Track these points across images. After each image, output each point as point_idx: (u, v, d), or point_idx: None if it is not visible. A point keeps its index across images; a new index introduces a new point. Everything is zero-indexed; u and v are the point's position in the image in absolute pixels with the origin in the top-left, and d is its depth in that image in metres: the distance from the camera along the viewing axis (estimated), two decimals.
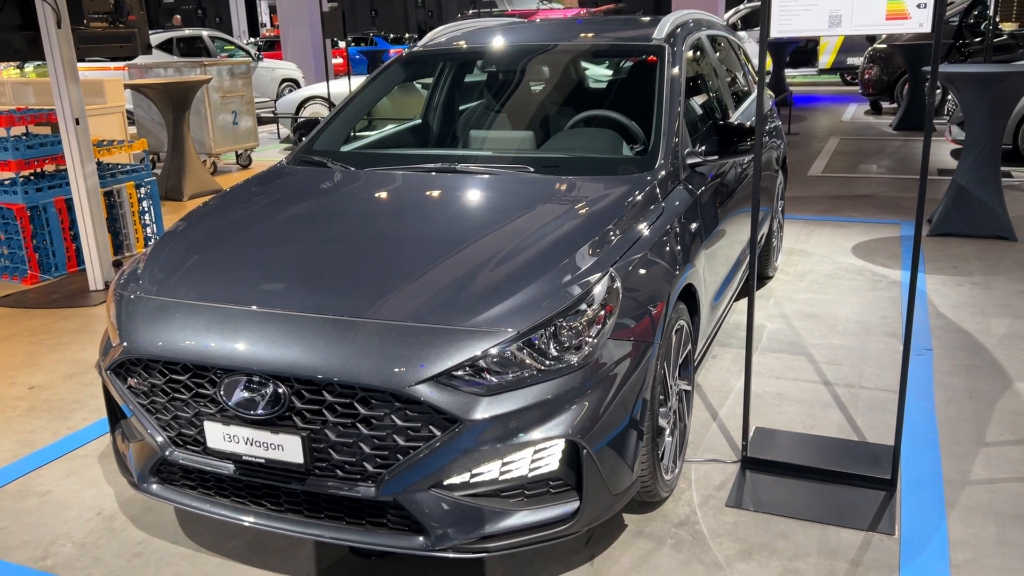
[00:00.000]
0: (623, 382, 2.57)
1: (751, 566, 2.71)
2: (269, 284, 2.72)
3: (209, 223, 3.29)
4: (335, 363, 2.40)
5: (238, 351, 2.49)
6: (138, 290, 2.86)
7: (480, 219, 3.04)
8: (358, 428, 2.41)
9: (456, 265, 2.70)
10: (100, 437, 3.72)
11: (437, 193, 3.31)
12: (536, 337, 2.44)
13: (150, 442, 2.73)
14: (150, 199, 7.01)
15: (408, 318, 2.47)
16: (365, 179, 3.55)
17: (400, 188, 3.42)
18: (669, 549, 2.82)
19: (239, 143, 10.98)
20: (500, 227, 2.93)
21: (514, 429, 2.39)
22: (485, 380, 2.38)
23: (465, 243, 2.83)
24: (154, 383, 2.65)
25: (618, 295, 2.62)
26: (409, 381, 2.34)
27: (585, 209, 3.01)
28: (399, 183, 3.47)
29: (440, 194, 3.30)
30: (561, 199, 3.15)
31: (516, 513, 2.48)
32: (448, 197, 3.28)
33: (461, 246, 2.81)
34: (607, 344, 2.54)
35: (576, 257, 2.69)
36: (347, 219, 3.18)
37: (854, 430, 3.58)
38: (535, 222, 2.93)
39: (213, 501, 2.70)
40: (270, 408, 2.46)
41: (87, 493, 3.28)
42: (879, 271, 5.76)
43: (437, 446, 2.36)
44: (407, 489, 2.42)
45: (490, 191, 3.28)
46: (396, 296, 2.56)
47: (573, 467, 2.52)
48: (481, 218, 3.05)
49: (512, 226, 2.92)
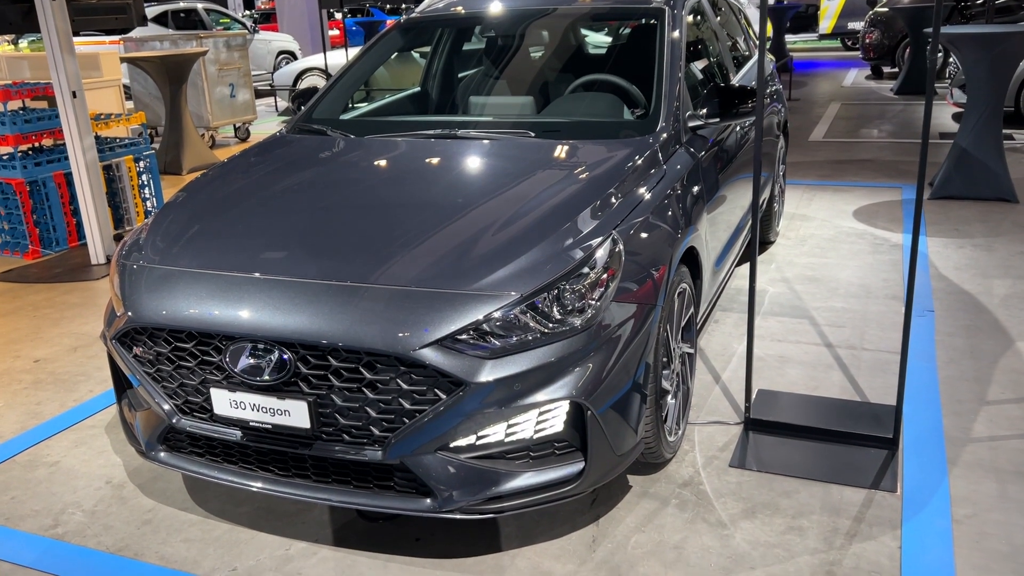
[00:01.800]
0: (626, 344, 2.58)
1: (755, 524, 2.74)
2: (272, 251, 2.72)
3: (210, 192, 3.28)
4: (340, 328, 2.41)
5: (243, 318, 2.50)
6: (141, 259, 2.86)
7: (481, 184, 3.04)
8: (364, 392, 2.43)
9: (458, 230, 2.70)
10: (107, 408, 3.75)
11: (438, 159, 3.31)
12: (539, 300, 2.45)
13: (157, 410, 2.75)
14: (149, 173, 6.99)
15: (411, 283, 2.48)
16: (365, 146, 3.54)
17: (401, 155, 3.41)
18: (673, 509, 2.84)
19: (237, 116, 10.93)
20: (501, 192, 2.92)
21: (519, 391, 2.40)
22: (489, 343, 2.39)
23: (467, 208, 2.83)
24: (159, 351, 2.67)
25: (620, 258, 2.62)
26: (414, 345, 2.35)
27: (586, 173, 3.01)
28: (400, 150, 3.46)
29: (441, 160, 3.30)
30: (562, 163, 3.14)
31: (522, 474, 2.50)
32: (449, 163, 3.27)
33: (463, 211, 2.81)
34: (610, 307, 2.55)
35: (578, 221, 2.69)
36: (348, 186, 3.18)
37: (856, 391, 3.60)
38: (536, 186, 2.93)
39: (221, 468, 2.72)
40: (276, 374, 2.47)
41: (95, 463, 3.31)
42: (880, 235, 5.75)
43: (442, 409, 2.38)
44: (414, 452, 2.44)
45: (491, 156, 3.27)
46: (399, 261, 2.56)
47: (578, 428, 2.54)
48: (482, 183, 3.04)
49: (513, 191, 2.92)
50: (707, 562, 2.58)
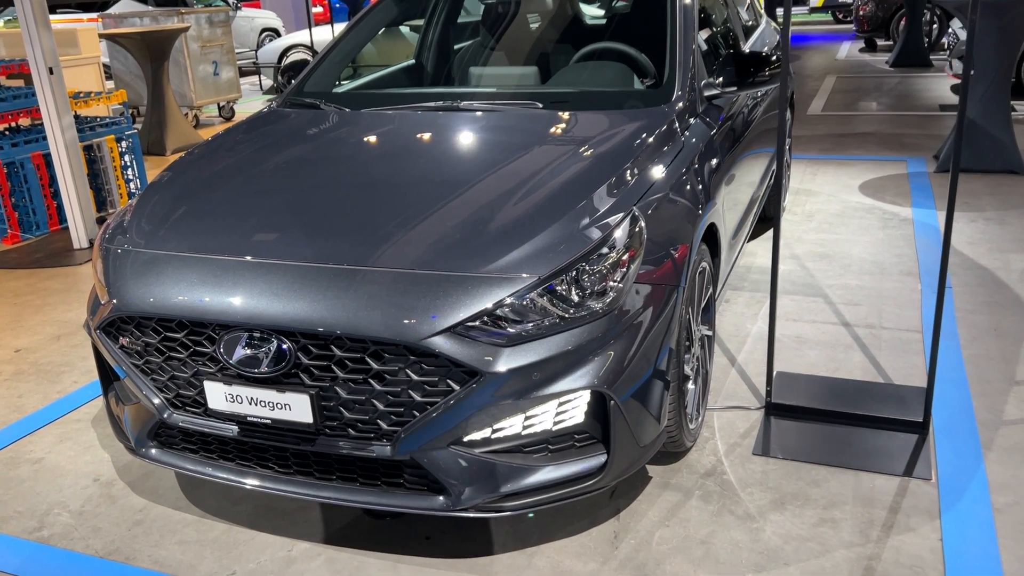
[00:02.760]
0: (649, 329, 2.42)
1: (785, 516, 2.59)
2: (267, 233, 2.53)
3: (198, 170, 3.08)
4: (343, 316, 2.22)
5: (237, 305, 2.32)
6: (125, 243, 2.67)
7: (489, 159, 2.84)
8: (370, 384, 2.25)
9: (467, 208, 2.52)
10: (92, 400, 3.56)
11: (441, 132, 3.11)
12: (557, 283, 2.28)
13: (146, 405, 2.57)
14: (132, 153, 6.75)
15: (420, 266, 2.30)
16: (362, 120, 3.34)
17: (400, 128, 3.21)
18: (697, 501, 2.69)
19: (221, 95, 10.65)
20: (512, 167, 2.74)
21: (537, 381, 2.23)
22: (505, 330, 2.22)
23: (475, 185, 2.64)
24: (148, 342, 2.48)
25: (642, 237, 2.45)
26: (424, 333, 2.17)
27: (601, 146, 2.82)
28: (399, 123, 3.26)
29: (444, 133, 3.10)
30: (574, 135, 2.95)
31: (541, 469, 2.34)
32: (453, 136, 3.08)
33: (471, 188, 2.62)
34: (631, 289, 2.38)
35: (595, 197, 2.51)
36: (346, 162, 2.98)
37: (879, 372, 3.46)
38: (549, 161, 2.74)
39: (217, 465, 2.55)
40: (275, 365, 2.29)
41: (82, 459, 3.12)
42: (889, 209, 5.60)
43: (455, 401, 2.21)
44: (425, 447, 2.27)
45: (497, 129, 3.08)
46: (405, 242, 2.38)
47: (599, 419, 2.38)
48: (490, 158, 2.85)
49: (524, 165, 2.73)
50: (737, 558, 2.43)
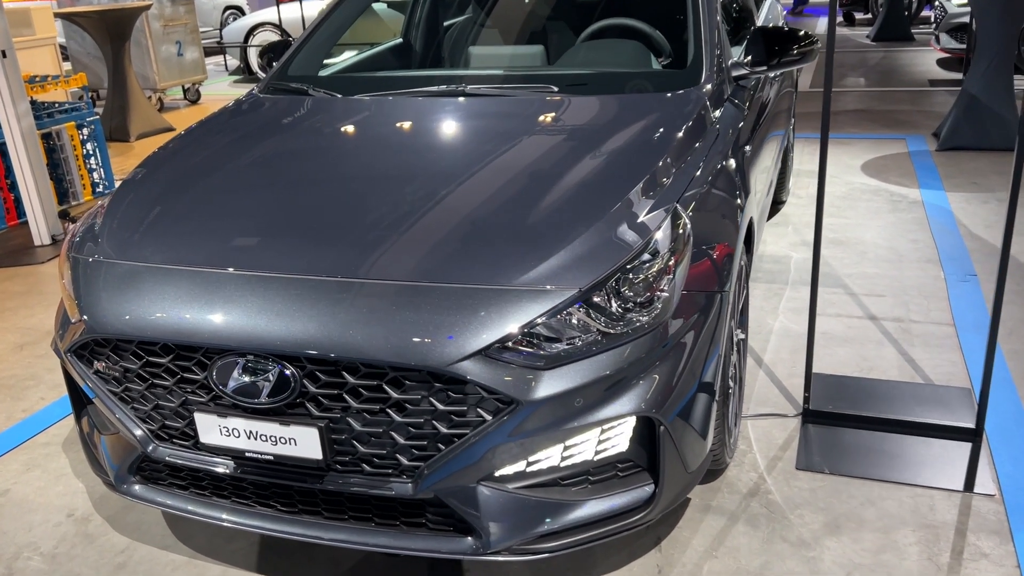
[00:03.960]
0: (696, 340, 2.15)
1: (843, 543, 2.35)
2: (263, 241, 2.23)
3: (178, 167, 2.75)
4: (357, 337, 1.93)
5: (232, 326, 2.01)
6: (98, 252, 2.34)
7: (507, 152, 2.54)
8: (389, 415, 1.97)
9: (491, 211, 2.22)
10: (62, 420, 3.23)
11: (449, 122, 2.81)
12: (599, 295, 2.00)
13: (127, 436, 2.26)
14: (95, 141, 6.34)
15: (444, 278, 2.00)
16: (359, 108, 3.01)
17: (403, 117, 2.90)
18: (744, 526, 2.44)
19: (186, 76, 10.18)
20: (535, 162, 2.45)
21: (580, 408, 1.96)
22: (542, 351, 1.94)
23: (497, 183, 2.35)
24: (127, 367, 2.17)
25: (687, 237, 2.18)
26: (451, 357, 1.89)
27: (632, 135, 2.54)
28: (401, 111, 2.94)
29: (453, 123, 2.80)
30: (600, 124, 2.66)
31: (582, 504, 2.07)
32: (463, 126, 2.77)
33: (492, 187, 2.33)
34: (678, 298, 2.11)
35: (633, 195, 2.23)
36: (346, 158, 2.67)
37: (916, 371, 3.23)
38: (576, 154, 2.45)
39: (210, 504, 2.25)
40: (277, 395, 1.99)
41: (53, 490, 2.80)
42: (896, 191, 5.39)
43: (488, 433, 1.93)
44: (451, 484, 2.00)
45: (512, 117, 2.78)
46: (425, 251, 2.09)
47: (645, 445, 2.11)
48: (509, 151, 2.55)
49: (549, 160, 2.44)
50: None
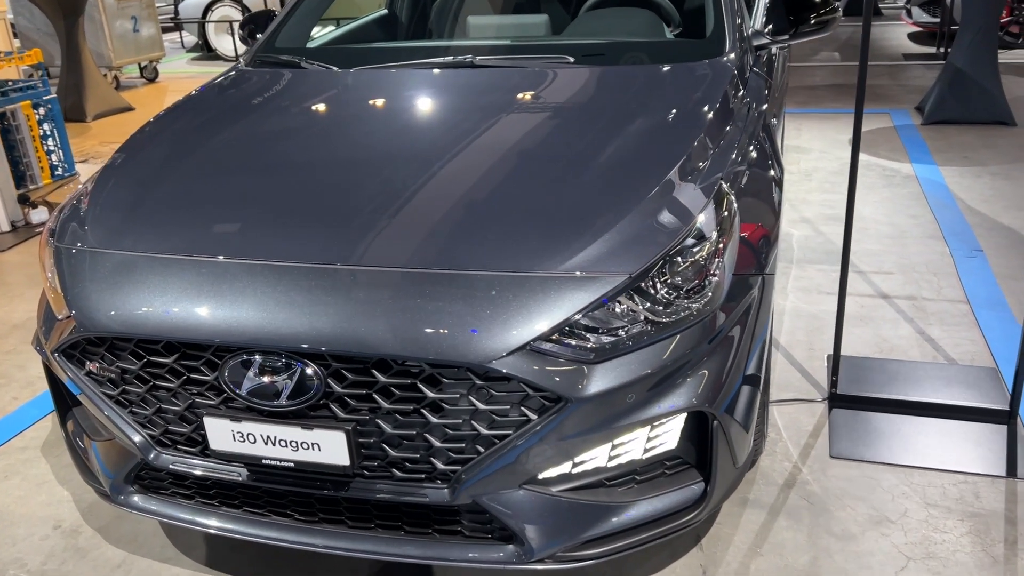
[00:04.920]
0: (744, 327, 2.01)
1: (891, 535, 2.24)
2: (275, 227, 2.03)
3: (168, 146, 2.54)
4: (389, 332, 1.75)
5: (245, 321, 1.82)
6: (84, 241, 2.12)
7: (534, 128, 2.36)
8: (423, 416, 1.79)
9: (523, 191, 2.05)
10: (39, 421, 3.00)
11: (464, 95, 2.61)
12: (647, 281, 1.84)
13: (125, 443, 2.05)
14: (52, 121, 5.99)
15: (481, 266, 1.83)
16: (360, 82, 2.81)
17: (413, 91, 2.69)
18: (786, 519, 2.32)
19: (142, 53, 9.78)
20: (564, 137, 2.28)
21: (632, 404, 1.81)
22: (591, 343, 1.78)
23: (525, 161, 2.18)
24: (126, 368, 1.96)
25: (733, 218, 2.03)
26: (493, 352, 1.72)
27: (665, 109, 2.37)
28: (409, 86, 2.74)
29: (468, 98, 2.60)
30: (628, 97, 2.49)
31: (630, 506, 1.93)
32: (480, 100, 2.57)
33: (522, 165, 2.15)
34: (728, 282, 1.96)
35: (675, 173, 2.07)
36: (357, 135, 2.46)
37: (936, 350, 3.14)
38: (608, 129, 2.29)
39: (219, 514, 2.06)
40: (298, 396, 1.81)
41: (35, 500, 2.58)
42: (888, 165, 5.31)
43: (532, 434, 1.77)
44: (491, 489, 1.83)
45: (531, 90, 2.60)
46: (459, 237, 1.91)
47: (694, 441, 1.97)
48: (534, 127, 2.37)
49: (580, 135, 2.27)
50: None
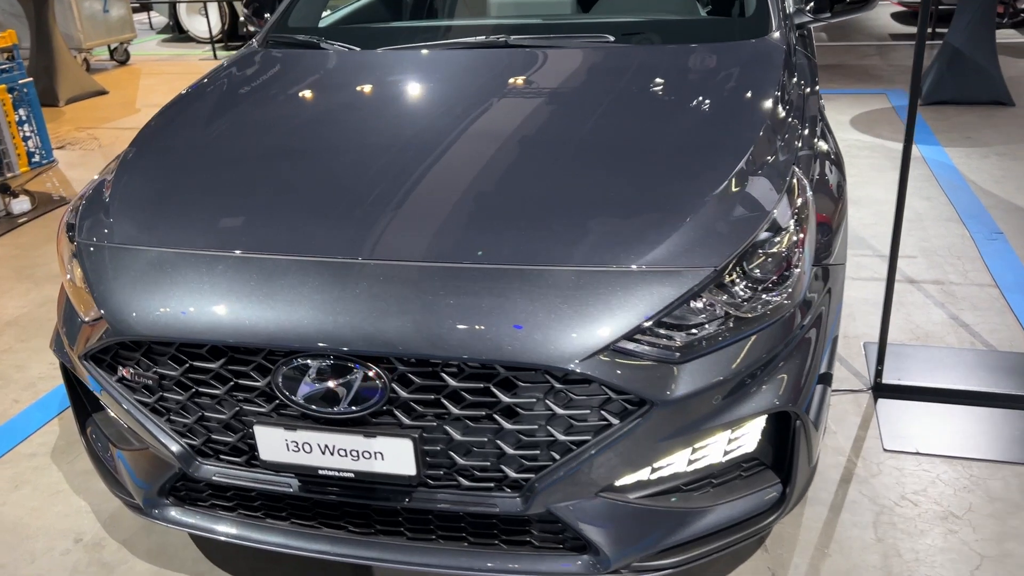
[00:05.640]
0: (820, 321, 1.92)
1: (960, 531, 2.17)
2: (326, 221, 1.89)
3: (192, 133, 2.38)
4: (462, 333, 1.63)
5: (301, 323, 1.68)
6: (111, 237, 1.97)
7: (588, 113, 2.23)
8: (496, 421, 1.67)
9: (589, 181, 1.93)
10: (46, 425, 2.83)
11: (505, 79, 2.47)
12: (730, 275, 1.74)
13: (160, 452, 1.91)
14: (28, 106, 5.74)
15: (557, 261, 1.71)
16: (388, 63, 2.65)
17: (449, 73, 2.54)
18: (849, 516, 2.24)
19: (113, 35, 9.43)
20: (622, 122, 2.15)
21: (718, 405, 1.71)
22: (675, 342, 1.67)
23: (586, 148, 2.05)
24: (165, 374, 1.82)
25: (809, 207, 1.93)
26: (576, 352, 1.60)
27: (724, 92, 2.26)
28: (444, 66, 2.59)
29: (510, 80, 2.46)
30: (681, 79, 2.37)
31: (710, 511, 1.83)
32: (523, 83, 2.43)
33: (581, 154, 2.03)
34: (809, 273, 1.86)
35: (748, 160, 1.95)
36: (394, 121, 2.31)
37: (973, 336, 3.08)
38: (666, 113, 2.17)
39: (265, 527, 1.93)
40: (360, 403, 1.68)
41: (51, 511, 2.43)
42: (893, 147, 5.25)
43: (613, 439, 1.66)
44: (567, 497, 1.72)
45: (578, 72, 2.46)
46: (530, 231, 1.78)
47: (772, 442, 1.88)
48: (589, 111, 2.23)
49: (638, 120, 2.15)
50: None
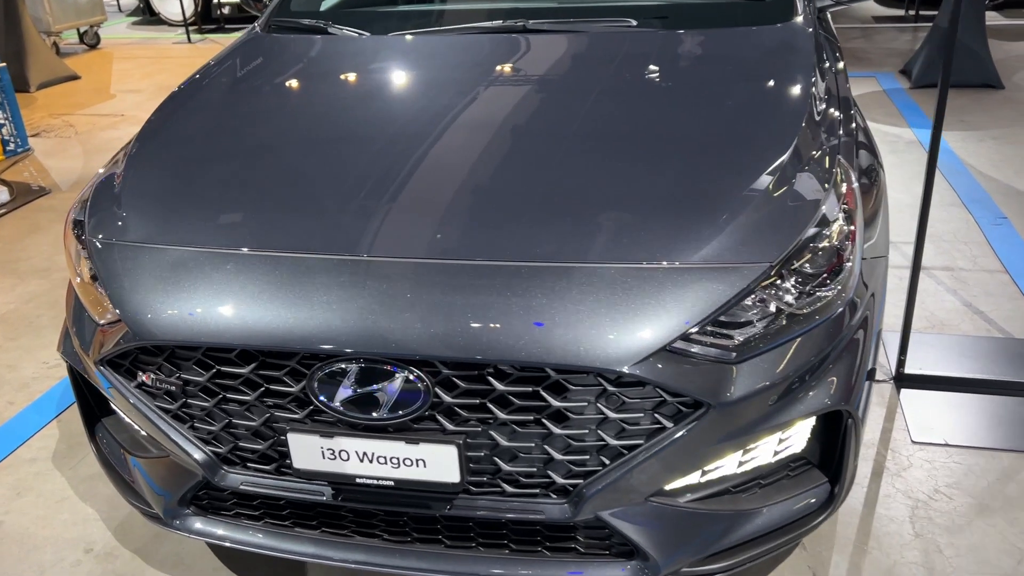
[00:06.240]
0: (869, 315, 1.86)
1: (998, 526, 2.14)
2: (361, 215, 1.80)
3: (204, 124, 2.27)
4: (512, 335, 1.55)
5: (340, 326, 1.59)
6: (128, 235, 1.86)
7: (619, 101, 2.14)
8: (544, 426, 1.60)
9: (631, 174, 1.85)
10: (45, 428, 2.71)
11: (525, 65, 2.38)
12: (787, 270, 1.68)
13: (183, 460, 1.82)
14: (2, 92, 5.56)
15: (608, 257, 1.64)
16: (403, 49, 2.55)
17: (469, 61, 2.44)
18: (884, 511, 2.21)
19: (83, 17, 9.17)
20: (657, 112, 2.08)
21: (775, 406, 1.65)
22: (732, 340, 1.61)
23: (622, 140, 1.98)
24: (190, 379, 1.72)
25: (857, 197, 1.87)
26: (631, 354, 1.53)
27: (759, 79, 2.19)
28: (465, 53, 2.49)
29: (531, 67, 2.37)
30: (713, 66, 2.30)
31: (759, 513, 1.77)
32: (548, 70, 2.34)
33: (619, 145, 1.96)
34: (859, 266, 1.81)
35: (792, 151, 1.88)
36: (418, 110, 2.20)
37: (989, 324, 3.06)
38: (703, 102, 2.10)
39: (294, 537, 1.85)
40: (401, 408, 1.60)
41: (57, 519, 2.32)
42: (888, 130, 5.23)
43: (667, 443, 1.59)
44: (616, 503, 1.66)
45: (601, 58, 2.38)
46: (577, 225, 1.71)
47: (820, 440, 1.83)
48: (620, 100, 2.15)
49: (673, 109, 2.08)
50: None
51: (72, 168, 5.33)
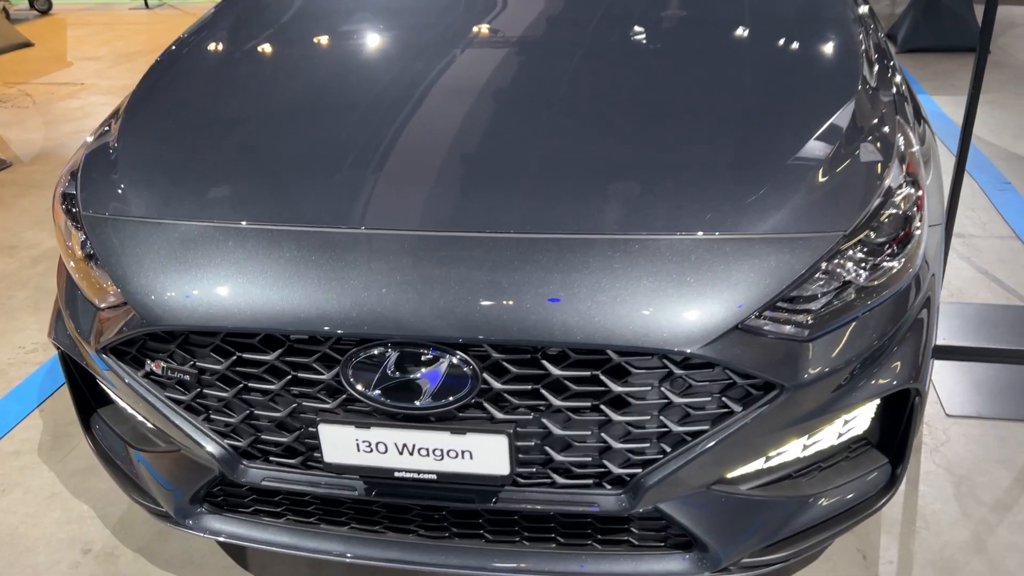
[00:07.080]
0: (931, 287, 1.76)
1: None
2: (394, 184, 1.64)
3: (205, 86, 2.09)
4: (569, 315, 1.41)
5: (377, 307, 1.44)
6: (129, 209, 1.68)
7: (669, 62, 2.01)
8: (603, 412, 1.47)
9: (689, 139, 1.72)
10: (27, 418, 2.52)
11: (568, 24, 2.24)
12: (862, 240, 1.56)
13: (196, 454, 1.66)
14: None
15: (672, 228, 1.50)
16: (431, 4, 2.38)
17: (495, 8, 2.28)
18: (928, 488, 2.12)
19: None
20: (708, 73, 1.95)
21: (848, 385, 1.54)
22: (804, 316, 1.49)
23: (675, 102, 1.85)
24: (206, 368, 1.56)
25: (919, 164, 1.75)
26: (700, 334, 1.40)
27: (806, 39, 2.06)
28: (484, 9, 2.33)
29: (572, 28, 2.22)
30: (758, 26, 2.15)
31: (821, 498, 1.67)
32: (591, 26, 2.18)
33: (672, 107, 1.83)
34: (926, 236, 1.70)
35: (853, 116, 1.75)
36: (450, 66, 2.02)
37: (1009, 292, 2.99)
38: (754, 64, 1.97)
39: (321, 534, 1.70)
40: (446, 396, 1.46)
41: (49, 518, 2.15)
42: None
43: (736, 427, 1.47)
44: (677, 493, 1.54)
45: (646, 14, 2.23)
46: (636, 194, 1.57)
47: (884, 421, 1.73)
48: (669, 60, 2.01)
49: (725, 71, 1.95)
50: None
51: (33, 140, 5.04)
